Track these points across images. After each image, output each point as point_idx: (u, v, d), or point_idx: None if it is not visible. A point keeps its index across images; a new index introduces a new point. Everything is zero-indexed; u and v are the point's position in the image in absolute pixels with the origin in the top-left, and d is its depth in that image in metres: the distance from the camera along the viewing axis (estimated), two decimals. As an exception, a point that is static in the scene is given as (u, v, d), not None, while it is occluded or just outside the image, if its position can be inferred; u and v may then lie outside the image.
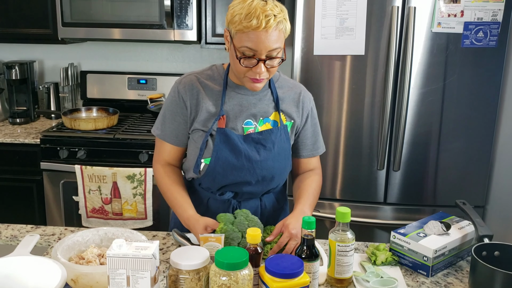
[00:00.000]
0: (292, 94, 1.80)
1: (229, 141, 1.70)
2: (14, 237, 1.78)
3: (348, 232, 1.48)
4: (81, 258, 1.50)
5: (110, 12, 3.11)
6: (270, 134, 1.74)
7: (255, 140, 1.73)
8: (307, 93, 1.85)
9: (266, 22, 1.51)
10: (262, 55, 1.56)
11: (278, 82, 1.80)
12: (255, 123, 1.74)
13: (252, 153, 1.72)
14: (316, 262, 1.41)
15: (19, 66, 3.39)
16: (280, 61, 1.61)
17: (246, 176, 1.74)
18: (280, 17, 1.54)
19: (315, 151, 1.88)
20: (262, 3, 1.54)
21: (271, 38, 1.53)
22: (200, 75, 1.76)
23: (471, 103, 2.70)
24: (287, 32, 1.60)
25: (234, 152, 1.71)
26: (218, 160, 1.71)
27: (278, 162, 1.77)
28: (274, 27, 1.53)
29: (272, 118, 1.76)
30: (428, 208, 2.82)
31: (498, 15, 2.55)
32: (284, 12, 1.58)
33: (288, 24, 1.59)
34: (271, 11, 1.52)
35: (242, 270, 1.23)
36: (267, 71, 1.61)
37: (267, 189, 1.82)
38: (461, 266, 1.66)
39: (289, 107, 1.79)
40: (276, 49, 1.56)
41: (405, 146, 2.75)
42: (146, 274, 1.24)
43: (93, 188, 2.94)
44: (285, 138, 1.77)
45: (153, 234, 1.83)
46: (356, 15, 2.59)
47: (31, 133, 3.19)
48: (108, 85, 3.60)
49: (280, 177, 1.81)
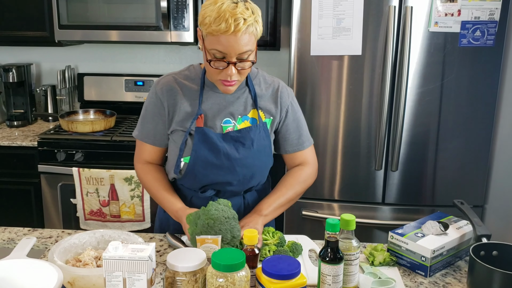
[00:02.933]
0: (270, 90, 1.80)
1: (207, 140, 1.71)
2: (11, 240, 1.77)
3: (353, 240, 1.43)
4: (78, 260, 1.50)
5: (107, 14, 3.11)
6: (248, 132, 1.74)
7: (234, 138, 1.73)
8: (285, 88, 1.84)
9: (235, 26, 1.50)
10: (232, 58, 1.56)
11: (256, 79, 1.80)
12: (234, 122, 1.75)
13: (231, 151, 1.73)
14: (340, 265, 1.36)
15: (16, 69, 3.39)
16: (251, 64, 1.61)
17: (227, 175, 1.75)
18: (250, 20, 1.53)
19: (300, 146, 1.86)
20: (232, 5, 1.52)
21: (241, 41, 1.53)
22: (177, 76, 1.78)
23: (469, 102, 2.70)
24: (258, 34, 1.59)
25: (213, 150, 1.72)
26: (197, 159, 1.72)
27: (258, 160, 1.77)
28: (243, 31, 1.52)
29: (250, 115, 1.76)
30: (426, 208, 2.82)
31: (495, 14, 2.55)
32: (255, 14, 1.57)
33: (259, 26, 1.58)
34: (241, 15, 1.51)
35: (239, 271, 1.23)
36: (239, 74, 1.61)
37: (248, 186, 1.83)
38: (460, 266, 1.65)
39: (267, 104, 1.79)
40: (246, 52, 1.56)
41: (403, 146, 2.74)
42: (143, 276, 1.24)
43: (91, 191, 2.93)
44: (265, 135, 1.77)
45: (150, 236, 1.83)
46: (352, 15, 2.59)
47: (28, 136, 3.18)
48: (105, 87, 3.60)
49: (260, 174, 1.82)
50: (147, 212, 2.94)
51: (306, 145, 1.87)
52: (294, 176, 1.84)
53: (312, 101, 2.73)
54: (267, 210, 1.74)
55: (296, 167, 1.87)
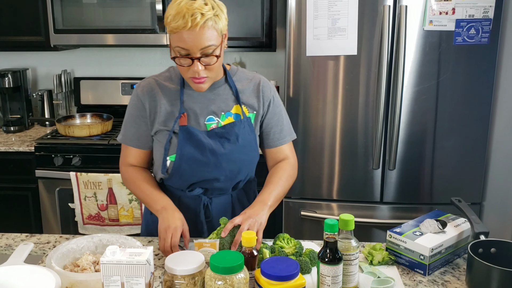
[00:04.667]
0: (252, 85, 1.81)
1: (192, 137, 1.72)
2: (9, 246, 1.77)
3: (352, 240, 1.42)
4: (76, 265, 1.49)
5: (102, 18, 3.11)
6: (233, 127, 1.75)
7: (219, 135, 1.74)
8: (267, 82, 1.84)
9: (192, 21, 1.51)
10: (195, 54, 1.57)
11: (236, 75, 1.81)
12: (217, 119, 1.75)
13: (217, 147, 1.73)
14: (339, 265, 1.36)
15: (12, 74, 3.38)
16: (216, 59, 1.60)
17: (213, 171, 1.75)
18: (208, 15, 1.53)
19: (282, 140, 1.86)
20: (190, 2, 1.54)
21: (201, 36, 1.54)
22: (158, 78, 1.81)
23: (465, 100, 2.70)
24: (220, 29, 1.59)
25: (199, 147, 1.72)
26: (183, 157, 1.72)
27: (244, 154, 1.78)
28: (201, 25, 1.53)
29: (233, 111, 1.77)
30: (424, 206, 2.82)
31: (489, 11, 2.55)
32: (216, 8, 1.57)
33: (221, 21, 1.58)
34: (198, 10, 1.52)
35: (238, 273, 1.23)
36: (207, 70, 1.62)
37: (235, 181, 1.82)
38: (458, 263, 1.66)
39: (250, 99, 1.80)
40: (209, 46, 1.56)
41: (400, 145, 2.75)
42: (141, 280, 1.23)
43: (89, 195, 2.93)
44: (249, 130, 1.78)
45: (149, 239, 1.82)
46: (347, 15, 2.59)
47: (25, 141, 3.18)
48: (102, 91, 3.59)
49: (247, 168, 1.83)
50: (146, 215, 2.94)
51: (287, 139, 1.87)
52: (284, 170, 1.83)
53: (308, 101, 2.73)
54: (270, 200, 1.71)
55: (282, 162, 1.86)
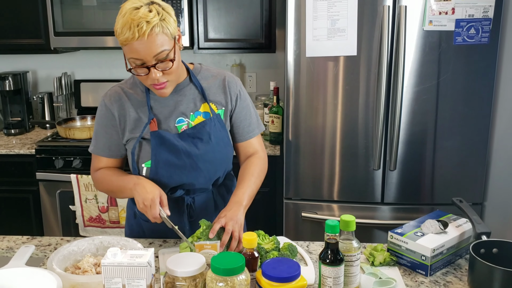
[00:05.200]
0: (217, 81, 1.81)
1: (165, 142, 1.71)
2: (10, 248, 1.77)
3: (353, 241, 1.42)
4: (77, 267, 1.49)
5: (102, 20, 3.11)
6: (204, 126, 1.75)
7: (191, 135, 1.74)
8: (232, 77, 1.85)
9: (138, 31, 1.50)
10: (150, 62, 1.56)
11: (201, 74, 1.81)
12: (187, 119, 1.75)
13: (191, 148, 1.73)
14: (341, 266, 1.36)
15: (13, 77, 3.38)
16: (171, 63, 1.59)
17: (190, 174, 1.75)
18: (154, 21, 1.51)
19: (251, 133, 1.87)
20: (134, 12, 1.51)
21: (151, 43, 1.52)
22: (123, 85, 1.80)
23: (466, 100, 2.70)
24: (171, 32, 1.57)
25: (173, 151, 1.72)
26: (159, 163, 1.72)
27: (219, 153, 1.78)
28: (149, 33, 1.51)
29: (202, 110, 1.77)
30: (426, 206, 2.82)
31: (489, 11, 2.55)
32: (161, 13, 1.54)
33: (169, 24, 1.56)
34: (143, 18, 1.50)
35: (239, 275, 1.23)
36: (165, 74, 1.60)
37: (214, 179, 1.82)
38: (460, 264, 1.65)
39: (217, 95, 1.80)
40: (162, 52, 1.55)
41: (401, 145, 2.74)
42: (142, 282, 1.23)
43: (90, 197, 2.93)
44: (220, 127, 1.79)
45: (150, 241, 1.82)
46: (347, 16, 2.59)
47: (26, 143, 3.18)
48: (102, 93, 3.52)
49: (224, 165, 1.83)
50: (147, 217, 2.94)
51: (256, 132, 1.88)
52: (255, 165, 1.83)
53: (308, 102, 2.73)
54: (245, 200, 1.70)
55: (253, 157, 1.86)
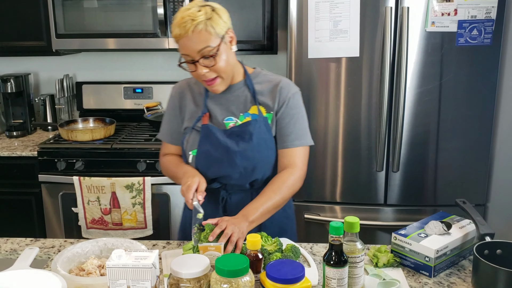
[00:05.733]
0: (271, 86, 1.85)
1: (211, 135, 1.82)
2: (14, 250, 1.77)
3: (357, 242, 1.42)
4: (81, 269, 1.49)
5: (104, 22, 3.11)
6: (247, 126, 1.80)
7: (235, 133, 1.81)
8: (288, 84, 1.86)
9: (185, 29, 1.64)
10: (195, 57, 1.69)
11: (258, 78, 1.88)
12: (236, 119, 1.84)
13: (231, 145, 1.80)
14: (345, 268, 1.36)
15: (14, 79, 3.38)
16: (213, 59, 1.68)
17: (227, 168, 1.82)
18: (200, 19, 1.64)
19: (289, 143, 1.83)
20: (186, 11, 1.66)
21: (195, 40, 1.65)
22: (190, 80, 1.96)
23: (468, 101, 2.70)
24: (216, 31, 1.67)
25: (215, 145, 1.81)
26: (201, 154, 1.83)
27: (258, 152, 1.81)
28: (192, 30, 1.64)
29: (251, 112, 1.83)
30: (428, 208, 2.82)
31: (492, 12, 2.55)
32: (209, 13, 1.66)
33: (215, 23, 1.66)
34: (189, 17, 1.64)
35: (243, 277, 1.22)
36: (212, 71, 1.72)
37: (251, 179, 1.84)
38: (464, 265, 1.65)
39: (267, 99, 1.84)
40: (205, 48, 1.66)
41: (404, 146, 2.74)
42: (147, 284, 1.23)
43: (92, 199, 2.92)
44: (266, 130, 1.81)
45: (153, 243, 1.82)
46: (349, 17, 2.59)
47: (28, 145, 3.18)
48: (104, 95, 3.60)
49: (262, 167, 1.84)
50: (149, 219, 2.94)
51: (295, 143, 1.83)
52: (282, 180, 1.80)
53: (311, 103, 2.73)
54: (253, 216, 1.69)
55: (284, 170, 1.83)
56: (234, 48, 1.77)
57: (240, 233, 1.59)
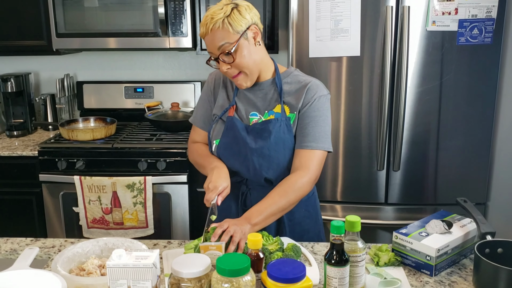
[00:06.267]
0: (299, 86, 1.85)
1: (233, 128, 1.84)
2: (14, 250, 1.77)
3: (358, 241, 1.41)
4: (81, 269, 1.49)
5: (105, 22, 3.11)
6: (268, 124, 1.81)
7: (256, 130, 1.83)
8: (316, 86, 1.83)
9: (206, 27, 1.71)
10: (215, 54, 1.74)
11: (289, 77, 1.88)
12: (260, 115, 1.85)
13: (250, 141, 1.82)
14: (346, 267, 1.35)
15: (15, 78, 3.38)
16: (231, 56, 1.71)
17: (244, 162, 1.84)
18: (219, 17, 1.68)
19: (303, 144, 1.79)
20: (208, 11, 1.72)
21: (214, 37, 1.71)
22: None
23: (469, 100, 2.69)
24: (235, 28, 1.70)
25: (235, 138, 1.84)
26: (222, 144, 1.87)
27: (274, 151, 1.80)
28: (211, 28, 1.70)
29: (276, 110, 1.83)
30: (429, 207, 2.82)
31: (492, 11, 2.55)
32: (228, 10, 1.70)
33: (234, 20, 1.70)
34: (210, 16, 1.70)
35: (244, 276, 1.22)
36: (234, 67, 1.75)
37: (265, 177, 1.83)
38: (465, 264, 1.65)
39: (293, 99, 1.83)
40: (223, 45, 1.71)
41: (404, 145, 2.74)
42: (147, 284, 1.23)
43: (93, 199, 2.92)
44: (286, 130, 1.81)
45: (154, 242, 1.82)
46: (350, 16, 2.59)
47: (28, 145, 3.18)
48: (105, 95, 3.60)
49: (278, 167, 1.82)
50: (150, 218, 2.94)
51: (311, 145, 1.78)
52: (289, 183, 1.76)
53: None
54: (257, 219, 1.67)
55: (294, 173, 1.79)
56: (260, 44, 1.78)
57: (242, 234, 1.59)
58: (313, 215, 1.98)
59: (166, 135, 3.18)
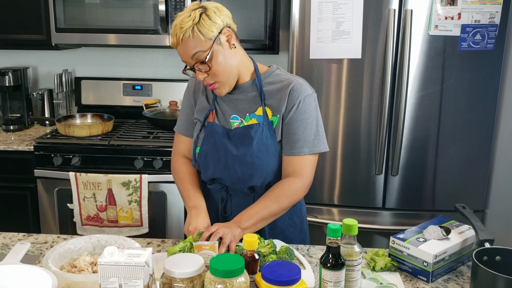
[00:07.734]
0: (281, 86, 1.76)
1: (213, 135, 1.78)
2: (5, 245, 1.75)
3: (355, 245, 1.40)
4: (73, 266, 1.47)
5: (105, 18, 3.09)
6: (250, 130, 1.73)
7: (238, 135, 1.76)
8: (300, 86, 1.74)
9: (176, 37, 1.63)
10: (190, 63, 1.66)
11: (270, 77, 1.78)
12: (241, 119, 1.78)
13: (231, 148, 1.75)
14: (342, 271, 1.34)
15: (13, 72, 3.36)
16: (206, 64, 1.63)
17: (225, 171, 1.77)
18: (187, 25, 1.60)
19: (295, 150, 1.73)
20: (178, 18, 1.63)
21: (186, 47, 1.63)
22: None
23: (469, 106, 2.68)
24: (202, 33, 1.61)
25: (216, 144, 1.78)
26: (202, 152, 1.81)
27: (257, 159, 1.73)
28: (181, 38, 1.61)
29: (257, 113, 1.76)
30: (427, 213, 2.80)
31: (496, 17, 2.53)
32: (196, 17, 1.60)
33: (203, 27, 1.60)
34: (178, 25, 1.61)
35: (238, 277, 1.20)
36: (211, 75, 1.67)
37: (249, 184, 1.77)
38: (462, 271, 1.63)
39: (275, 101, 1.75)
40: (196, 53, 1.63)
41: (403, 150, 2.72)
42: (139, 283, 1.21)
43: (88, 196, 2.90)
44: (269, 135, 1.73)
45: (148, 241, 1.80)
46: (352, 18, 2.57)
47: (25, 140, 3.16)
48: (103, 91, 3.58)
49: (262, 173, 1.75)
50: (145, 217, 2.91)
51: (304, 151, 1.73)
52: (282, 189, 1.72)
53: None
54: (247, 223, 1.65)
55: (287, 179, 1.75)
56: (235, 46, 1.68)
57: (232, 236, 1.56)
58: (297, 224, 1.90)
59: (163, 134, 3.16)
